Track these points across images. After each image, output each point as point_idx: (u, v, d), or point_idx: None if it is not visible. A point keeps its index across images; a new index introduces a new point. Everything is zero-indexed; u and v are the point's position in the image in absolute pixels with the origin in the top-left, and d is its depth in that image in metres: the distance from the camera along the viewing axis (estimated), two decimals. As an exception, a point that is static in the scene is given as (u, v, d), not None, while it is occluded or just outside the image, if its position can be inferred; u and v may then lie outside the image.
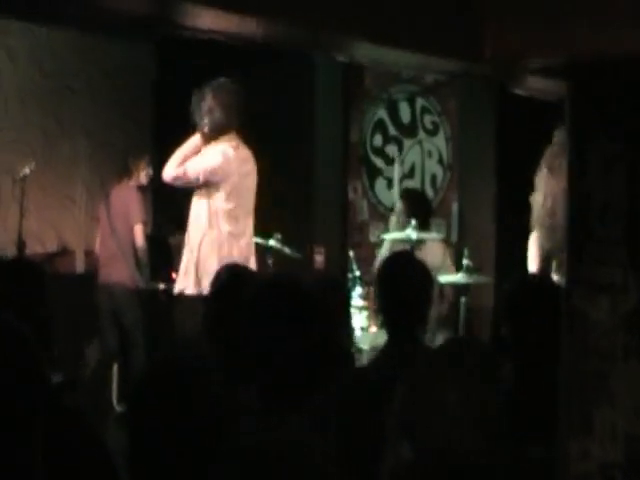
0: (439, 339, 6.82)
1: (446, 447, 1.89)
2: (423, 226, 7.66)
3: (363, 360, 6.26)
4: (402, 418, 1.94)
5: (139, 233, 8.31)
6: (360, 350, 6.67)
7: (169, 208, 9.88)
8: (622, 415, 3.13)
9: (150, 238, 8.72)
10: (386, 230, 8.06)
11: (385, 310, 4.03)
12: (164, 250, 9.46)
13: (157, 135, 10.21)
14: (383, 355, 3.99)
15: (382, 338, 4.20)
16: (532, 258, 6.69)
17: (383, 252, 7.68)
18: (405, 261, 4.30)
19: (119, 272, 8.18)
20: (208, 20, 3.38)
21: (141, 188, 8.53)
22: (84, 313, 8.67)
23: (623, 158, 3.35)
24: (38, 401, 2.22)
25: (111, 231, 8.25)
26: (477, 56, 3.24)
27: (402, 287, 4.00)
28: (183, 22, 3.54)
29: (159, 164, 9.35)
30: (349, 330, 4.74)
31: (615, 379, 3.18)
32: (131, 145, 9.67)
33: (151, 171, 8.52)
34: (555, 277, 6.16)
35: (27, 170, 8.42)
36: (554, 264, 6.48)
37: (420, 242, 7.66)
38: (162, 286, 8.71)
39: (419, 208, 7.83)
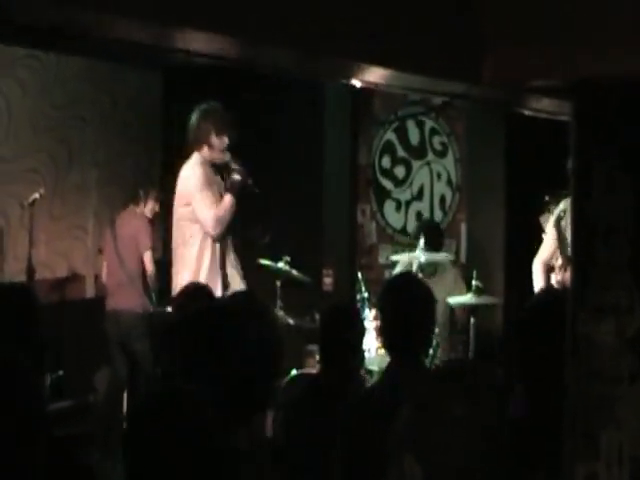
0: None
1: (451, 464, 1.88)
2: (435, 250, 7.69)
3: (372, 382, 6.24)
4: (407, 435, 1.93)
5: (149, 260, 8.30)
6: (370, 372, 6.64)
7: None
8: (628, 438, 3.10)
9: (158, 263, 8.71)
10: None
11: (387, 332, 4.01)
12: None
13: (167, 165, 10.23)
14: (385, 377, 3.98)
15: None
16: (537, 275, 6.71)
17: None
18: (407, 283, 4.27)
19: (128, 299, 8.17)
20: (215, 47, 3.38)
21: (148, 218, 8.53)
22: (94, 339, 8.67)
23: (628, 180, 3.33)
24: (35, 432, 2.22)
25: (119, 259, 8.24)
26: (478, 78, 3.23)
27: (404, 309, 3.97)
28: (191, 49, 3.54)
29: (169, 193, 9.40)
30: (361, 355, 4.76)
31: (621, 402, 3.15)
32: (141, 175, 9.71)
33: (157, 207, 8.57)
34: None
35: (36, 195, 8.44)
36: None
37: (432, 267, 7.67)
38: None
39: (432, 236, 7.87)
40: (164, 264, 7.94)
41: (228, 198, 6.78)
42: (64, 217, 9.25)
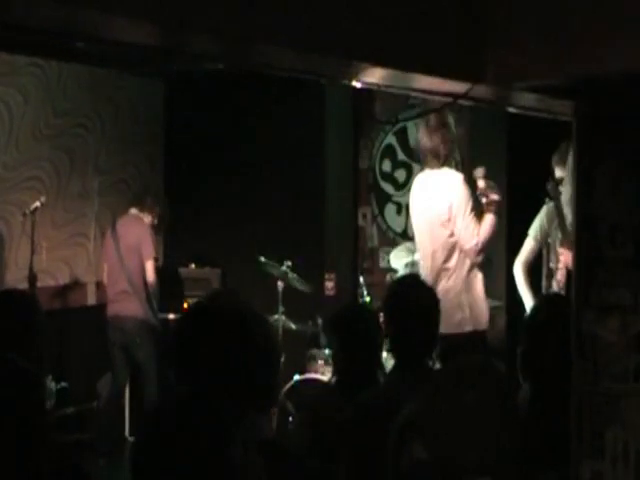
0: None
1: (458, 451, 1.88)
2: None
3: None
4: (416, 423, 1.94)
5: (150, 269, 8.29)
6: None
7: (180, 240, 9.92)
8: (633, 435, 3.10)
9: (161, 269, 8.72)
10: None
11: (392, 334, 4.00)
12: (175, 281, 9.48)
13: (169, 171, 10.25)
14: (390, 379, 3.97)
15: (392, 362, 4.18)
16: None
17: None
18: (412, 285, 4.27)
19: (130, 306, 8.16)
20: (215, 48, 3.38)
21: (152, 226, 8.53)
22: (96, 346, 8.68)
23: (631, 178, 3.34)
24: (35, 436, 2.23)
25: (121, 265, 8.22)
26: (479, 77, 3.23)
27: (409, 311, 3.97)
28: (191, 51, 3.54)
29: (170, 200, 9.39)
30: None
31: (626, 400, 3.16)
32: (143, 182, 9.72)
33: (156, 222, 8.58)
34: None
35: (38, 203, 8.44)
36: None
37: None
38: (173, 317, 8.73)
39: None
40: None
41: (491, 218, 6.32)
42: (66, 224, 9.24)
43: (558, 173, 6.45)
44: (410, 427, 1.92)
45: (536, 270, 6.64)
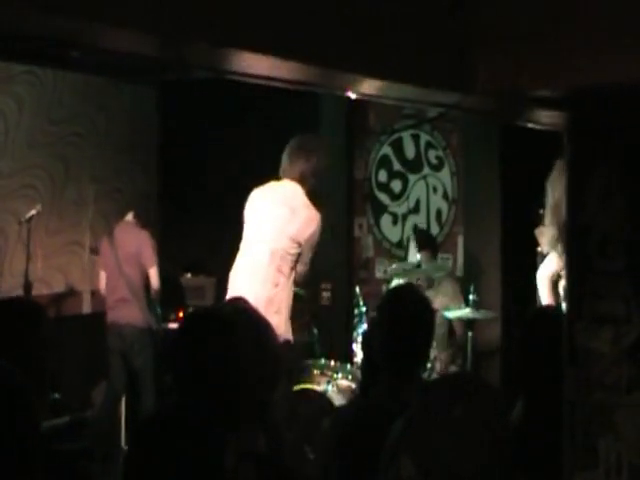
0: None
1: (447, 467, 1.87)
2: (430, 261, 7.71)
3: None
4: (404, 438, 1.93)
5: (155, 276, 8.29)
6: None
7: (175, 248, 9.92)
8: (626, 446, 3.10)
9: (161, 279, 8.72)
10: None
11: (385, 345, 3.98)
12: (171, 289, 9.47)
13: (163, 179, 10.24)
14: (383, 391, 3.95)
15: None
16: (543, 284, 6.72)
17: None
18: (406, 295, 4.24)
19: (129, 314, 8.15)
20: (210, 58, 3.39)
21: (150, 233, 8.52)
22: (91, 354, 8.67)
23: (622, 189, 3.34)
24: (30, 447, 2.22)
25: (120, 273, 8.21)
26: (472, 88, 3.23)
27: (402, 321, 3.95)
28: (186, 61, 3.54)
29: (165, 207, 9.40)
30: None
31: (619, 411, 3.15)
32: (137, 190, 9.71)
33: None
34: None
35: (33, 212, 8.44)
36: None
37: (431, 280, 7.68)
38: (170, 325, 8.73)
39: (426, 244, 7.89)
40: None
41: None
42: (61, 232, 9.24)
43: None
44: (398, 442, 1.91)
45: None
